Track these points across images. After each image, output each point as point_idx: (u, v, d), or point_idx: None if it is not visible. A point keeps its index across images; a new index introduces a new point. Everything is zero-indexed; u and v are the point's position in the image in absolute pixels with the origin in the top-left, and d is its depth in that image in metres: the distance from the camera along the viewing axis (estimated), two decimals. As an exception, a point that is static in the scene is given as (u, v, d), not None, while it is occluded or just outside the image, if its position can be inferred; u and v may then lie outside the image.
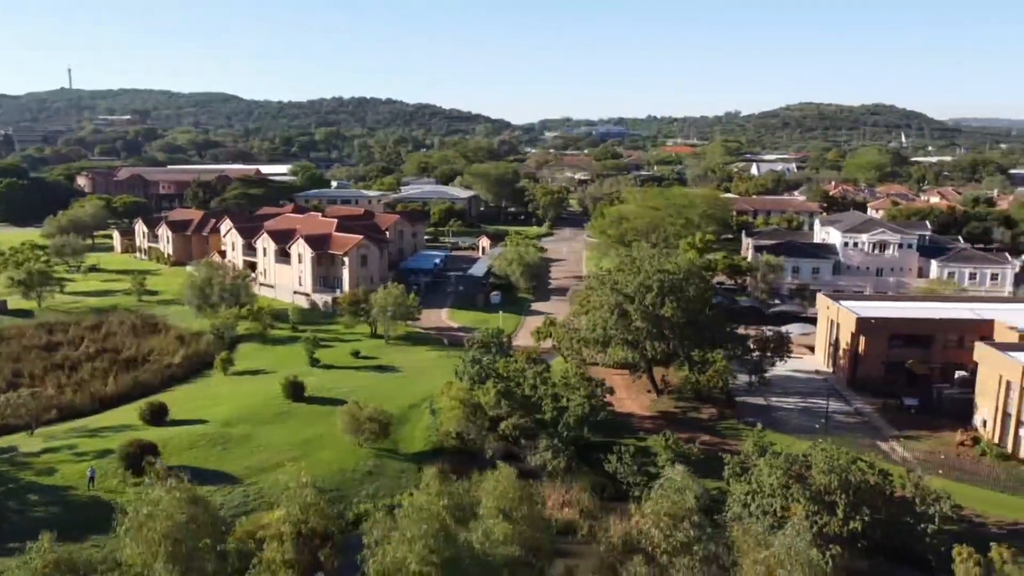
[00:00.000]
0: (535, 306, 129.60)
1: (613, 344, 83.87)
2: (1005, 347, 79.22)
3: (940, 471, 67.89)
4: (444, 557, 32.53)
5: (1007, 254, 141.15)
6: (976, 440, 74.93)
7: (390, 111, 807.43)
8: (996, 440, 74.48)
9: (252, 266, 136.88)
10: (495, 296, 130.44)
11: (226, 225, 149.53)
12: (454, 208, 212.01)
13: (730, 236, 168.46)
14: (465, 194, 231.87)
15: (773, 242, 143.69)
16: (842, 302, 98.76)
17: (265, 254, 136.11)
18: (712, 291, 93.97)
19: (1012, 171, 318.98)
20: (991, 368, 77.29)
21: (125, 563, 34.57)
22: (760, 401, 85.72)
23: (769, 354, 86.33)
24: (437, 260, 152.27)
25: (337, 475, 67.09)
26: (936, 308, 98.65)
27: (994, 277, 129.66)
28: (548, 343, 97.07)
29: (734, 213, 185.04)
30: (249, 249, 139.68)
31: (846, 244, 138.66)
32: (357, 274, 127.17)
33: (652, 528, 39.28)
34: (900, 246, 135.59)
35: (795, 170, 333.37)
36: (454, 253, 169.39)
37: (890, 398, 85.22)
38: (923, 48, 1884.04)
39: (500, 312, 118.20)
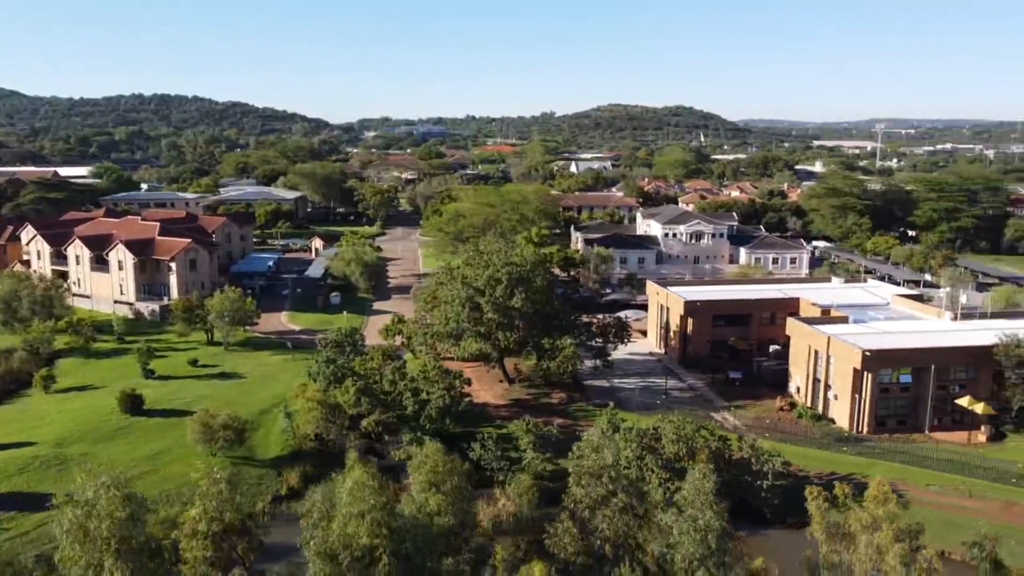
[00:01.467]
0: (377, 305, 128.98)
1: (466, 337, 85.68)
2: (811, 321, 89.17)
3: (766, 434, 75.34)
4: (392, 528, 33.00)
5: (802, 240, 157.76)
6: (793, 405, 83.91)
7: (198, 109, 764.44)
8: (809, 403, 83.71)
9: (63, 275, 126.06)
10: (335, 297, 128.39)
11: (28, 232, 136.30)
12: (281, 209, 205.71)
13: (558, 231, 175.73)
14: (291, 195, 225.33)
15: (601, 235, 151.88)
16: (670, 288, 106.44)
17: (79, 262, 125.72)
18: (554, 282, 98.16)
19: (797, 167, 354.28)
20: (801, 340, 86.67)
21: (64, 565, 31.75)
22: (604, 384, 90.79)
23: (612, 339, 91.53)
24: (270, 263, 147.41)
25: (194, 486, 63.92)
26: (750, 290, 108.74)
27: (793, 261, 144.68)
28: (398, 340, 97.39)
29: (560, 209, 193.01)
30: (59, 257, 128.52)
31: (666, 235, 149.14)
32: (186, 280, 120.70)
33: (574, 486, 41.66)
34: (713, 236, 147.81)
35: (610, 168, 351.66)
36: (286, 255, 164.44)
37: (717, 373, 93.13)
38: (716, 55, 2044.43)
39: (344, 312, 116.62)
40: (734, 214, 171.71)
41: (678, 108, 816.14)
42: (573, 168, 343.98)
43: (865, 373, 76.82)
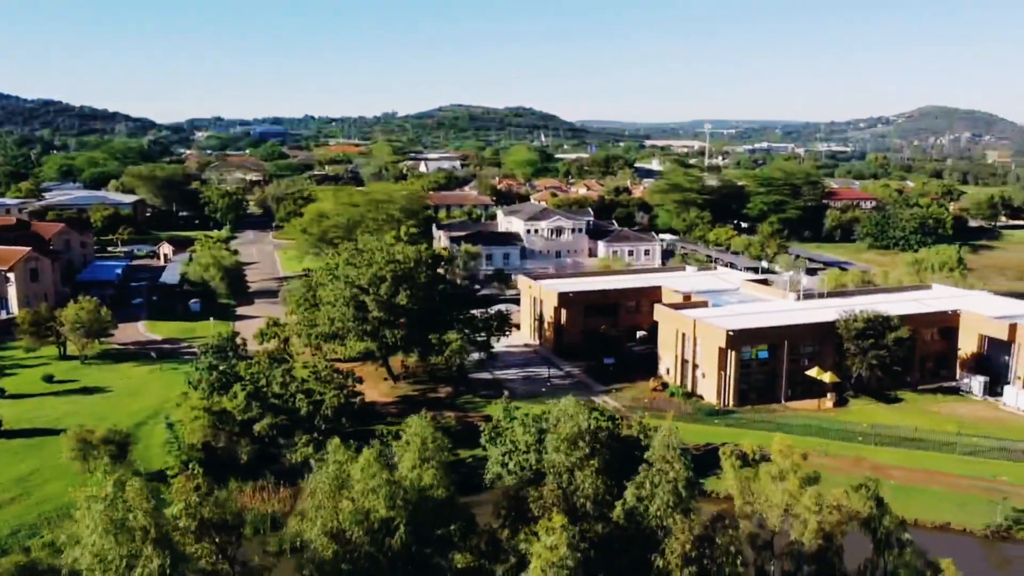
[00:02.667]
0: (241, 311, 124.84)
1: (351, 336, 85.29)
2: (676, 306, 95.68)
3: (646, 413, 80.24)
4: (405, 500, 33.55)
5: (652, 233, 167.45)
6: (665, 385, 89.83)
7: (3, 108, 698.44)
8: (679, 383, 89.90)
9: None
10: (195, 304, 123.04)
11: None
12: (120, 214, 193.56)
13: (418, 229, 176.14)
14: (128, 199, 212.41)
15: (465, 233, 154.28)
16: (542, 281, 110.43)
17: None
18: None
19: (636, 165, 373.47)
20: (669, 324, 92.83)
21: (96, 562, 29.22)
22: (487, 376, 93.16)
23: (495, 331, 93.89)
24: (118, 270, 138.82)
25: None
26: (615, 281, 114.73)
27: (647, 252, 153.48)
28: (273, 344, 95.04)
29: (423, 208, 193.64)
30: None
31: (528, 231, 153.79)
32: (27, 291, 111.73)
33: (553, 453, 43.48)
34: (573, 231, 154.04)
35: (460, 167, 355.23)
36: (133, 263, 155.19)
37: (592, 360, 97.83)
38: (554, 57, 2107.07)
39: (210, 319, 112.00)
40: (590, 210, 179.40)
41: (519, 109, 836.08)
42: (423, 168, 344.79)
43: (729, 351, 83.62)
